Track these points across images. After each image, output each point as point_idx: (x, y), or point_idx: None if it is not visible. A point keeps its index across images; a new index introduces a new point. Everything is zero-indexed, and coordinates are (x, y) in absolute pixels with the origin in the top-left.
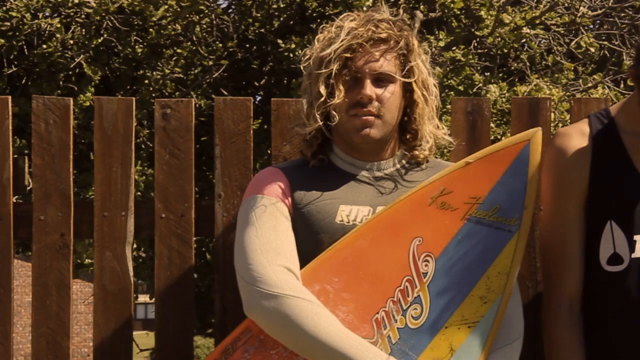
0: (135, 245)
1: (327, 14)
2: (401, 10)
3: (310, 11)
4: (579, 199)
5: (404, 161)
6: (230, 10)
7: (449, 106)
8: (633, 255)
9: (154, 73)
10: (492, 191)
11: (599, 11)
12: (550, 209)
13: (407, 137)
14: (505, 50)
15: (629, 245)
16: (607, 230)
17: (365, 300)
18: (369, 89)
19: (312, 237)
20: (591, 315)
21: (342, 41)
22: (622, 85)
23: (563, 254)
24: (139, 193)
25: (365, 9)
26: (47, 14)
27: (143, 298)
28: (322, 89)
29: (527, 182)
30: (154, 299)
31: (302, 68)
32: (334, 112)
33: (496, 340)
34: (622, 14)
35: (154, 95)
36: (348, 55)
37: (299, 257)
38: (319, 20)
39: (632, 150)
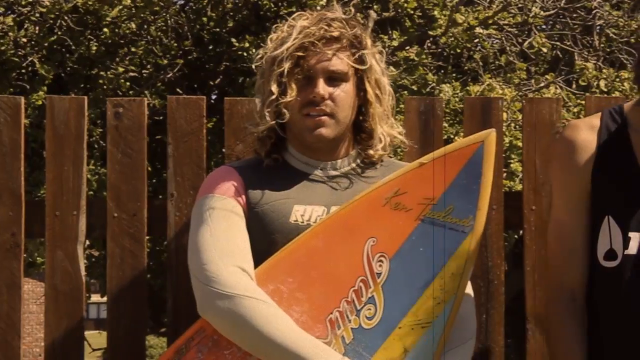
0: (87, 245)
1: (281, 13)
2: (352, 9)
3: (264, 11)
4: (583, 192)
5: (358, 160)
6: (185, 10)
7: (402, 106)
8: (626, 252)
9: (108, 72)
10: (446, 192)
11: (551, 12)
12: (558, 201)
13: (362, 136)
14: (459, 50)
15: (623, 241)
16: (605, 225)
17: (319, 301)
18: (322, 88)
19: (266, 237)
20: (589, 309)
21: (294, 40)
22: (573, 86)
23: (568, 245)
24: (91, 192)
25: (319, 8)
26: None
27: (96, 297)
28: (274, 88)
29: (480, 183)
30: (106, 299)
31: (254, 67)
32: (286, 111)
33: (450, 341)
34: (574, 15)
35: (108, 94)
36: (300, 54)
37: (253, 257)
38: (273, 20)
39: (637, 149)
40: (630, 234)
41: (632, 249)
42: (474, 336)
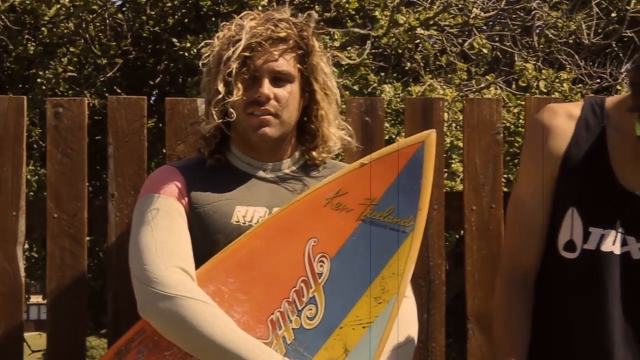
0: (27, 246)
1: (221, 12)
2: (288, 9)
3: (204, 9)
4: (551, 177)
5: (301, 162)
6: (124, 9)
7: (343, 106)
8: (585, 247)
9: (47, 72)
10: (387, 192)
11: (492, 13)
12: (524, 181)
13: (306, 137)
14: (400, 51)
15: (583, 235)
16: (568, 216)
17: (261, 301)
18: (267, 88)
19: (207, 238)
20: (541, 297)
21: (241, 40)
22: (513, 86)
23: (526, 226)
24: (31, 193)
25: (260, 8)
26: None
27: (36, 299)
28: (221, 87)
29: (421, 183)
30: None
31: (201, 65)
32: (232, 110)
33: (390, 341)
34: (514, 16)
35: (47, 94)
36: (247, 54)
37: (195, 257)
38: (213, 19)
39: (612, 146)
40: (591, 229)
41: (591, 244)
42: (415, 338)
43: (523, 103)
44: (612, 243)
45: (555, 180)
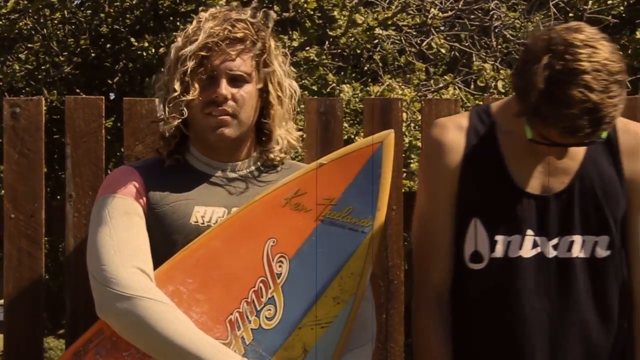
0: None
1: (180, 11)
2: (248, 10)
3: (163, 9)
4: (450, 193)
5: (259, 163)
6: (82, 7)
7: (302, 106)
8: (492, 255)
9: (4, 68)
10: (346, 192)
11: (450, 13)
12: (423, 200)
13: (263, 138)
14: (359, 51)
15: (490, 244)
16: (472, 227)
17: (219, 302)
18: (225, 89)
19: (166, 238)
20: (454, 309)
21: (199, 39)
22: (472, 86)
23: (432, 244)
24: None
25: (218, 7)
26: None
27: None
28: (177, 86)
29: (380, 183)
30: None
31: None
32: (186, 109)
33: (349, 342)
34: (472, 16)
35: (4, 89)
36: (204, 53)
37: (153, 258)
38: (172, 18)
39: (505, 150)
40: (497, 237)
41: (498, 252)
42: (373, 337)
43: (481, 103)
44: (519, 248)
45: (455, 194)
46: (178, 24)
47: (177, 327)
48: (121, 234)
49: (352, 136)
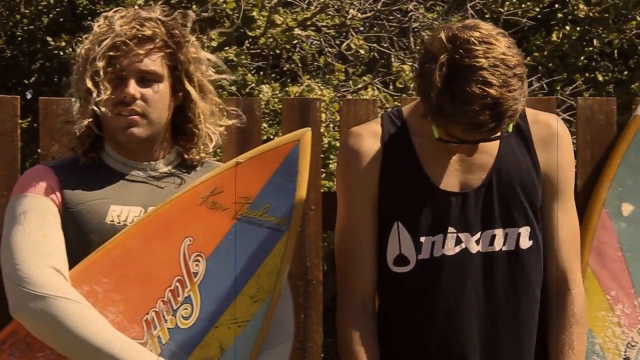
0: None
1: (98, 11)
2: (158, 8)
3: (80, 8)
4: (370, 200)
5: (177, 162)
6: None
7: (221, 106)
8: (419, 257)
9: None
10: (263, 191)
11: (369, 14)
12: (343, 209)
13: (183, 137)
14: (278, 51)
15: (415, 246)
16: (394, 231)
17: (135, 301)
18: (132, 88)
19: (81, 237)
20: (380, 315)
21: (107, 39)
22: (390, 87)
23: (355, 253)
24: None
25: (137, 7)
26: None
27: None
28: (88, 86)
29: (296, 181)
30: None
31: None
32: (97, 109)
33: (266, 340)
34: (391, 17)
35: None
36: (112, 53)
37: (68, 257)
38: (89, 18)
39: (421, 152)
40: (422, 239)
41: (425, 254)
42: (291, 336)
43: (399, 104)
44: (442, 246)
45: (376, 201)
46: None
47: (93, 327)
48: (35, 234)
49: (271, 136)
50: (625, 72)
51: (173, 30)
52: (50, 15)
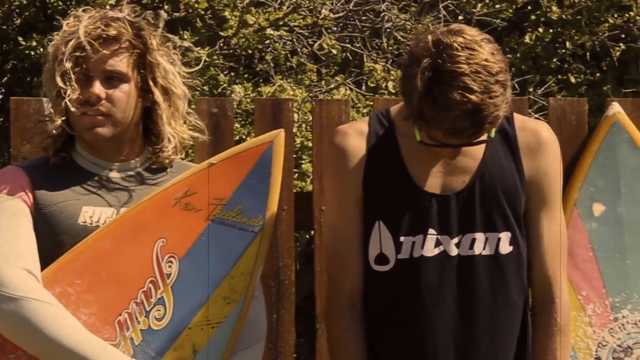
0: None
1: (69, 11)
2: (126, 8)
3: (52, 8)
4: (356, 198)
5: (149, 163)
6: None
7: (193, 106)
8: (399, 257)
9: None
10: (236, 192)
11: (341, 14)
12: (332, 208)
13: (152, 138)
14: (250, 51)
15: (395, 246)
16: (376, 229)
17: (108, 303)
18: (97, 88)
19: (53, 239)
20: (370, 310)
21: (73, 39)
22: (363, 87)
23: (343, 252)
24: None
25: (108, 7)
26: None
27: None
28: (57, 85)
29: (270, 183)
30: None
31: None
32: (67, 109)
33: (239, 342)
34: (363, 17)
35: None
36: (79, 54)
37: (40, 258)
38: (61, 18)
39: (406, 153)
40: (402, 238)
41: (404, 254)
42: (263, 337)
43: (372, 103)
44: (422, 247)
45: (361, 199)
46: (68, 18)
47: (65, 328)
48: (7, 235)
49: (244, 136)
50: (597, 74)
51: (140, 30)
52: (23, 16)
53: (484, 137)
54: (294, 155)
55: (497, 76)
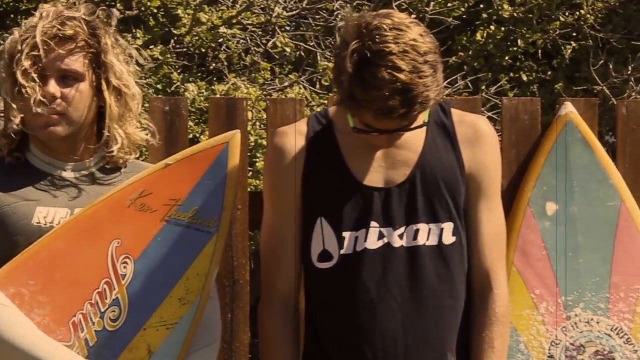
0: None
1: (22, 9)
2: (82, 7)
3: (4, 6)
4: (295, 198)
5: (103, 163)
6: None
7: (147, 105)
8: (342, 252)
9: None
10: (192, 193)
11: (294, 12)
12: (269, 208)
13: (105, 138)
14: (204, 50)
15: (338, 242)
16: (318, 227)
17: (63, 304)
18: (53, 87)
19: (7, 240)
20: (307, 313)
21: (29, 38)
22: (317, 86)
23: (279, 251)
24: None
25: (62, 6)
26: None
27: None
28: (19, 83)
29: (225, 184)
30: None
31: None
32: (22, 108)
33: (194, 342)
34: (317, 16)
35: None
36: (35, 53)
37: None
38: (12, 16)
39: (345, 149)
40: (345, 234)
41: (347, 249)
42: (219, 338)
43: (326, 102)
44: (365, 240)
45: (300, 199)
46: (19, 21)
47: (19, 330)
48: None
49: (198, 135)
50: (549, 73)
51: (96, 30)
52: None
53: (418, 124)
54: (249, 154)
55: (426, 56)
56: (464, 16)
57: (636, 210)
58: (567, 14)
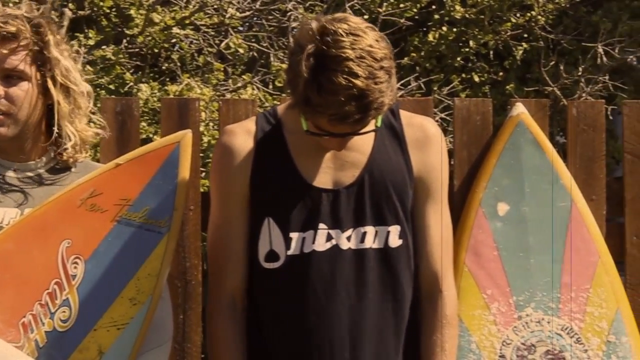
0: None
1: None
2: (24, 5)
3: None
4: (241, 197)
5: (53, 162)
6: None
7: (99, 105)
8: (288, 253)
9: None
10: (143, 193)
11: (247, 13)
12: (216, 206)
13: (54, 137)
14: (156, 50)
15: (285, 242)
16: (265, 227)
17: (12, 304)
18: None
19: None
20: (251, 313)
21: None
22: (270, 86)
23: (225, 251)
24: None
25: (11, 5)
26: None
27: None
28: None
29: (177, 183)
30: None
31: None
32: None
33: (146, 343)
34: (270, 17)
35: None
36: None
37: None
38: None
39: (293, 149)
40: (291, 235)
41: (294, 250)
42: (170, 338)
43: (279, 102)
44: (312, 242)
45: (247, 198)
46: None
47: None
48: None
49: (151, 135)
50: (501, 73)
51: (39, 28)
52: None
53: (370, 127)
54: (201, 154)
55: (381, 62)
56: (416, 17)
57: (586, 211)
58: (518, 15)
